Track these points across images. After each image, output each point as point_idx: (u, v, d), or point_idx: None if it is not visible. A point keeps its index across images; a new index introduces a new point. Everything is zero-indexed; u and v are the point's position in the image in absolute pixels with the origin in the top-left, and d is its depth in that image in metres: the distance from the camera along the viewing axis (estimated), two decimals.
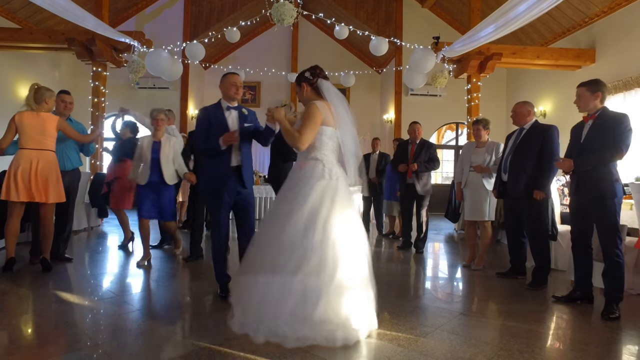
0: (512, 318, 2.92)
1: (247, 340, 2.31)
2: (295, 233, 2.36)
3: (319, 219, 2.38)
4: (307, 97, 2.71)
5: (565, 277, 4.01)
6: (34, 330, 2.54)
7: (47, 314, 2.80)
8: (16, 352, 2.17)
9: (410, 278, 4.34)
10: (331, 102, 2.65)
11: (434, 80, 8.00)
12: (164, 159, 4.21)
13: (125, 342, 2.36)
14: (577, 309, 3.15)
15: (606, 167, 3.00)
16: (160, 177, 4.19)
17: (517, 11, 5.20)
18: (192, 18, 10.72)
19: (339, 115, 2.64)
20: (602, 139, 3.02)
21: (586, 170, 3.06)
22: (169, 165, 4.24)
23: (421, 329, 2.66)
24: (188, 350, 2.24)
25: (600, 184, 3.00)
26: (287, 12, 5.28)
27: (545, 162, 3.65)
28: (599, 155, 3.00)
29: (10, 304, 2.99)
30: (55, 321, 2.66)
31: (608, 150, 2.97)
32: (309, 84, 2.71)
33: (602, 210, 3.00)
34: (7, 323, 2.58)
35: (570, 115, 8.13)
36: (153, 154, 4.20)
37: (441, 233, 7.54)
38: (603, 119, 3.07)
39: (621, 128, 2.98)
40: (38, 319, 2.73)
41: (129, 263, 4.46)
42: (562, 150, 3.82)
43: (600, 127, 3.06)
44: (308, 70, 2.73)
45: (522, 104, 3.93)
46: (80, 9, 5.91)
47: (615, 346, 2.54)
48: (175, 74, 7.80)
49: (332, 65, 11.55)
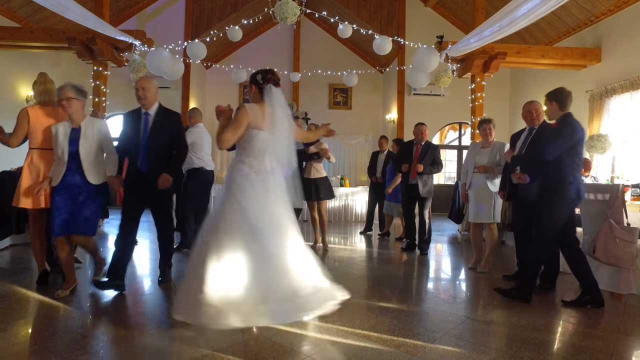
0: (521, 323, 2.84)
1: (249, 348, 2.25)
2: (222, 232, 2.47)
3: (241, 219, 2.48)
4: (252, 98, 2.81)
5: (573, 280, 3.93)
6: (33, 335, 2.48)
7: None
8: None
9: (414, 281, 4.27)
10: (272, 108, 2.69)
11: (438, 80, 7.92)
12: (86, 151, 3.21)
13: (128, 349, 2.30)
14: (587, 314, 3.07)
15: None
16: (81, 176, 3.20)
17: (522, 10, 5.12)
18: (193, 17, 10.65)
19: (276, 121, 2.68)
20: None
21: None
22: (94, 159, 3.25)
23: (429, 334, 2.59)
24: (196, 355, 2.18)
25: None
26: (290, 11, 5.21)
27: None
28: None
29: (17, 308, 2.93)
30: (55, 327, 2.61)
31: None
32: (257, 86, 2.77)
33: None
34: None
35: (575, 115, 8.02)
36: (70, 146, 3.19)
37: (445, 234, 7.46)
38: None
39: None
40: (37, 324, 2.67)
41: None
42: None
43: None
44: (261, 72, 2.78)
45: (536, 103, 3.77)
46: (80, 7, 5.84)
47: (629, 352, 2.47)
48: (177, 74, 7.73)
49: (334, 64, 11.50)
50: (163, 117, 3.45)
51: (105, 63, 7.82)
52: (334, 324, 2.69)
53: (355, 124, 12.26)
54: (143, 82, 3.39)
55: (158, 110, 3.45)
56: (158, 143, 3.36)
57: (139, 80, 3.39)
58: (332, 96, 12.35)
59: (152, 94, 3.39)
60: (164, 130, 3.41)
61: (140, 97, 3.34)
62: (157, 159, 3.35)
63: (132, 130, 3.37)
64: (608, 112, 7.24)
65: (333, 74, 10.75)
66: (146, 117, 3.39)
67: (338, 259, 5.04)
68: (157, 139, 3.35)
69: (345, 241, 6.43)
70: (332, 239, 6.60)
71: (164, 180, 3.28)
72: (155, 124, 3.37)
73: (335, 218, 9.20)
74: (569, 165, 3.15)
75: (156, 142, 3.35)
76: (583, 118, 7.75)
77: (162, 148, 3.39)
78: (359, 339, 2.46)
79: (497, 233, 4.41)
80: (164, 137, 3.40)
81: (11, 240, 5.08)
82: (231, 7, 10.53)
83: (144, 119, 3.38)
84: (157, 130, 3.36)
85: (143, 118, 3.39)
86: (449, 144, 13.53)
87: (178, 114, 3.59)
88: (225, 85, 11.62)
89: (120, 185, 3.36)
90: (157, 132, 3.36)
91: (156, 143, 3.35)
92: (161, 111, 3.47)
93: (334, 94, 12.34)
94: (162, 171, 3.31)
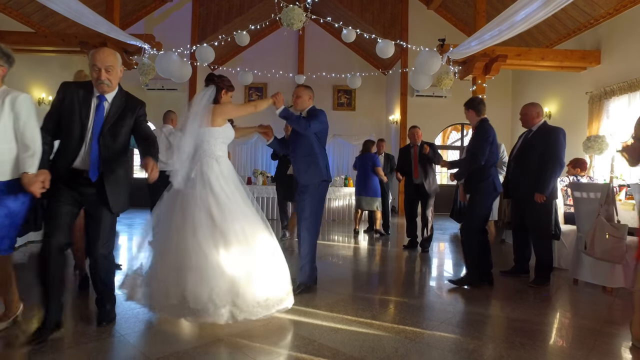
0: (515, 314, 3.02)
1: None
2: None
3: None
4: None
5: (567, 275, 4.10)
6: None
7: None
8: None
9: (415, 276, 4.45)
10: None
11: (440, 82, 8.09)
12: None
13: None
14: (578, 307, 3.24)
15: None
16: None
17: (521, 15, 5.28)
18: (200, 20, 10.88)
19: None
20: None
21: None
22: (5, 146, 2.27)
23: (427, 323, 2.77)
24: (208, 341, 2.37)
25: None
26: (297, 17, 5.41)
27: (547, 164, 3.73)
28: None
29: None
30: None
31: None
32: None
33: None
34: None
35: (575, 116, 8.23)
36: None
37: (446, 233, 7.63)
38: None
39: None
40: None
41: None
42: (567, 153, 3.92)
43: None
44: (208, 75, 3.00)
45: (530, 105, 3.99)
46: (94, 14, 6.08)
47: (614, 340, 2.64)
48: (185, 76, 7.94)
49: (338, 66, 11.70)
50: (125, 106, 2.52)
51: None
52: (338, 313, 2.88)
53: (359, 124, 12.45)
54: (106, 56, 2.40)
55: (118, 95, 2.51)
56: (115, 142, 2.48)
57: (97, 54, 2.38)
58: (336, 97, 12.54)
59: (118, 77, 2.49)
60: (124, 125, 2.51)
61: (103, 81, 2.39)
62: (111, 163, 2.46)
63: (74, 116, 2.39)
64: (607, 114, 7.37)
65: (337, 75, 10.96)
66: (101, 102, 2.44)
67: (342, 256, 5.23)
68: (113, 136, 2.47)
69: (349, 239, 6.61)
70: (336, 237, 6.81)
71: (151, 168, 2.38)
72: (113, 116, 2.46)
73: (339, 217, 9.39)
74: (485, 164, 3.74)
75: (112, 140, 2.46)
76: (583, 119, 7.91)
77: (118, 150, 2.50)
78: (362, 326, 2.65)
79: (493, 230, 4.58)
80: (124, 135, 2.53)
81: (29, 237, 5.29)
82: (237, 10, 10.75)
83: (98, 106, 2.44)
84: (115, 124, 2.47)
85: (95, 103, 2.44)
86: (452, 145, 13.68)
87: (144, 103, 2.65)
88: None
89: (44, 188, 2.28)
90: (114, 128, 2.47)
91: (112, 141, 2.47)
92: (122, 97, 2.53)
93: (338, 95, 12.54)
94: (115, 181, 2.47)
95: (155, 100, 10.67)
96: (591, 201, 3.63)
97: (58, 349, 2.23)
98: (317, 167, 3.40)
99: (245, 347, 2.31)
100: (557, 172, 3.77)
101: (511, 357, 2.25)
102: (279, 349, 2.33)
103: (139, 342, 2.38)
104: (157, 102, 10.46)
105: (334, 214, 9.37)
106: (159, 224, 2.76)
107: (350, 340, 2.41)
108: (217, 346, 2.32)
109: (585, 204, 3.71)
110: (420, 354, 2.27)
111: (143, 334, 2.51)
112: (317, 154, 3.42)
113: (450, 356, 2.26)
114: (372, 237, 6.82)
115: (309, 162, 3.40)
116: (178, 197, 2.71)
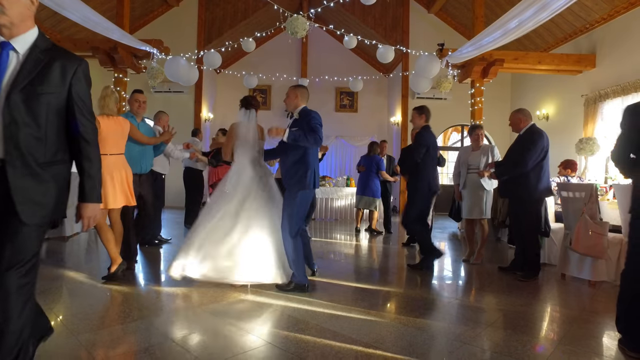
0: (503, 304, 3.27)
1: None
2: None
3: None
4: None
5: (556, 270, 4.33)
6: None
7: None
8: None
9: (413, 271, 4.69)
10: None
11: (439, 85, 8.33)
12: None
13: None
14: (563, 297, 3.48)
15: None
16: None
17: (514, 23, 5.52)
18: (206, 25, 11.17)
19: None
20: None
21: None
22: None
23: (420, 311, 3.03)
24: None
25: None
26: (300, 26, 5.69)
27: (514, 157, 4.05)
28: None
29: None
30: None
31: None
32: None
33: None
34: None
35: (571, 118, 8.45)
36: None
37: (445, 231, 7.87)
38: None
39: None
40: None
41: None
42: (553, 156, 4.17)
43: None
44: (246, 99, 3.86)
45: (515, 112, 4.27)
46: (107, 21, 6.37)
47: (591, 327, 2.88)
48: (192, 80, 8.23)
49: (340, 69, 11.97)
50: (49, 63, 1.63)
51: (125, 70, 8.35)
52: (339, 302, 3.14)
53: (361, 126, 12.71)
54: None
55: (38, 43, 1.64)
56: (31, 115, 1.59)
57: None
58: (338, 99, 12.80)
59: (22, 6, 1.60)
60: (44, 92, 1.61)
61: None
62: (27, 148, 1.58)
63: None
64: (602, 116, 7.59)
65: (340, 79, 11.22)
66: (5, 51, 1.59)
67: (343, 253, 5.49)
68: (28, 107, 1.58)
69: (351, 238, 6.86)
70: (339, 236, 7.07)
71: (87, 218, 1.76)
72: (27, 74, 1.58)
73: (341, 217, 9.64)
74: (422, 166, 4.38)
75: (27, 113, 1.58)
76: (578, 121, 8.13)
77: (39, 131, 1.61)
78: (360, 314, 2.91)
79: (487, 227, 4.82)
80: (46, 107, 1.63)
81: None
82: (242, 14, 11.03)
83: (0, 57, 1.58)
84: (29, 88, 1.58)
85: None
86: (452, 146, 13.91)
87: (85, 61, 1.73)
88: (235, 90, 12.10)
89: None
90: (28, 93, 1.58)
91: (27, 114, 1.58)
92: (46, 48, 1.65)
93: (340, 97, 12.80)
94: (31, 173, 1.59)
95: (162, 103, 10.96)
96: (577, 200, 3.87)
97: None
98: (304, 176, 3.38)
99: (250, 329, 2.57)
100: (510, 171, 4.06)
101: (501, 342, 2.50)
102: (284, 330, 2.58)
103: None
104: (164, 104, 10.74)
105: (336, 213, 9.63)
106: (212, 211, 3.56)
107: (349, 325, 2.67)
108: (224, 325, 2.58)
109: (572, 203, 3.95)
110: (412, 337, 2.52)
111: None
112: (308, 162, 3.41)
113: (440, 339, 2.52)
114: (372, 235, 7.07)
115: (297, 170, 3.40)
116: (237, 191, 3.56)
